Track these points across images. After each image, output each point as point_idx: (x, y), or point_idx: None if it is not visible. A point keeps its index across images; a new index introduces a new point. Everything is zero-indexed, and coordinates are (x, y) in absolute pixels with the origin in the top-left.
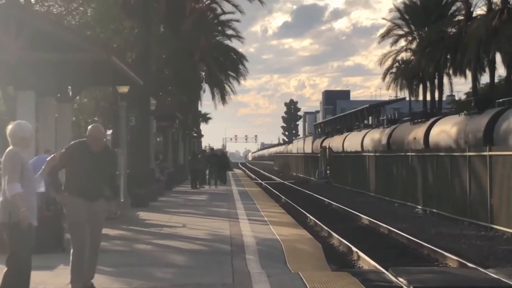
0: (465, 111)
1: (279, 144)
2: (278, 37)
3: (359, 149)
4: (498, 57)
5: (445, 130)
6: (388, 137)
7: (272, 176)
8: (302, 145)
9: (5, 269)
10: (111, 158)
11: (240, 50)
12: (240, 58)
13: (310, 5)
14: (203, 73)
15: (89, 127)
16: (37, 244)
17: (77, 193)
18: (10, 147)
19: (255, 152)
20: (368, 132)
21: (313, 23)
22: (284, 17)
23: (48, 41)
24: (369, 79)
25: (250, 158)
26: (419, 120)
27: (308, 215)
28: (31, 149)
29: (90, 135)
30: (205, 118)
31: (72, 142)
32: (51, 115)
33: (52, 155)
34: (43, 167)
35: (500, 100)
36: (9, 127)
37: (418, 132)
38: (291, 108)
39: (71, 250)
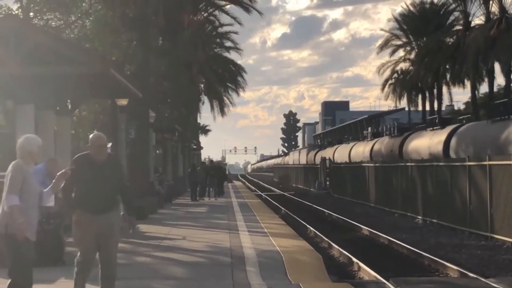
0: (431, 128)
1: (277, 156)
2: (277, 49)
3: (347, 160)
4: (497, 66)
5: (415, 144)
6: (371, 149)
7: (271, 187)
8: (298, 157)
9: (9, 280)
10: (116, 166)
11: (239, 62)
12: (238, 70)
13: (309, 16)
14: (202, 85)
15: (90, 136)
16: (37, 257)
17: (85, 208)
18: (17, 160)
19: (254, 164)
20: (354, 144)
21: (312, 34)
22: (283, 28)
23: (47, 54)
24: (368, 90)
25: (249, 170)
26: (395, 134)
27: (308, 226)
28: None
29: (92, 145)
30: (204, 130)
31: (75, 156)
32: (50, 128)
33: (62, 171)
34: (53, 181)
35: (461, 117)
36: (19, 140)
37: (395, 145)
38: (290, 119)
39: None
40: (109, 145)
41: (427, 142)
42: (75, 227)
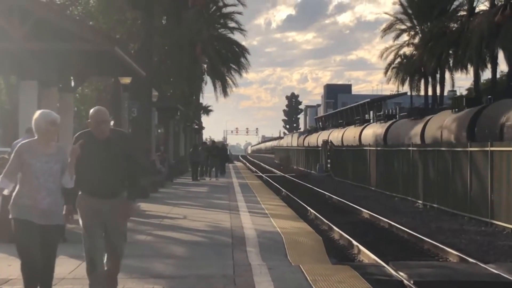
0: (412, 117)
1: (274, 139)
2: (281, 30)
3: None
4: (501, 53)
5: (397, 131)
6: (359, 135)
7: (272, 169)
8: (290, 140)
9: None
10: (123, 143)
11: (243, 43)
12: (242, 51)
13: None
14: (205, 65)
15: (90, 111)
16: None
17: (87, 191)
18: (21, 141)
19: (254, 145)
20: (346, 129)
21: (317, 17)
22: (288, 10)
23: (51, 31)
24: (372, 74)
25: (249, 151)
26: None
27: (308, 208)
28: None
29: (92, 120)
30: (207, 110)
31: (77, 134)
32: (53, 105)
33: (72, 147)
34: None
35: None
36: None
37: (378, 131)
38: (293, 101)
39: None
40: (112, 123)
41: (408, 130)
42: (79, 212)
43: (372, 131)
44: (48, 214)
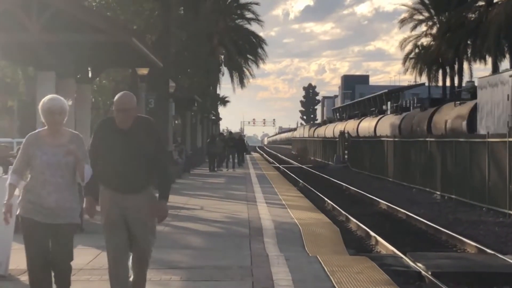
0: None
1: (289, 130)
2: (299, 21)
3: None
4: None
5: (384, 124)
6: (375, 126)
7: (289, 160)
8: (302, 132)
9: None
10: (150, 133)
11: (261, 34)
12: (259, 42)
13: None
14: (222, 56)
15: (116, 96)
16: None
17: (108, 185)
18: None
19: (270, 137)
20: (347, 122)
21: (335, 7)
22: (306, 1)
23: (68, 22)
24: (390, 64)
25: (265, 142)
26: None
27: (326, 199)
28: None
29: (115, 108)
30: (224, 101)
31: (99, 121)
32: (70, 96)
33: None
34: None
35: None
36: None
37: (393, 122)
38: (310, 92)
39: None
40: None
41: (391, 123)
42: (101, 210)
43: (388, 122)
44: (56, 212)
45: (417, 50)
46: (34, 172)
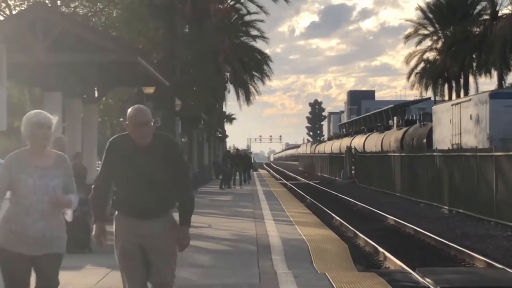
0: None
1: (295, 147)
2: (305, 37)
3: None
4: None
5: (387, 139)
6: (381, 141)
7: (296, 176)
8: (305, 149)
9: None
10: (169, 152)
11: (267, 50)
12: (264, 58)
13: (338, 5)
14: (228, 74)
15: (129, 110)
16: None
17: (123, 210)
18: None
19: (276, 153)
20: (343, 139)
21: (341, 23)
22: (311, 17)
23: (74, 42)
24: (396, 79)
25: (272, 159)
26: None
27: (333, 215)
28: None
29: (129, 122)
30: (230, 118)
31: (111, 139)
32: (77, 116)
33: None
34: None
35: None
36: None
37: (375, 140)
38: (316, 108)
39: None
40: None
41: (379, 139)
42: (115, 237)
43: (391, 138)
44: (43, 242)
45: (422, 65)
46: (16, 198)
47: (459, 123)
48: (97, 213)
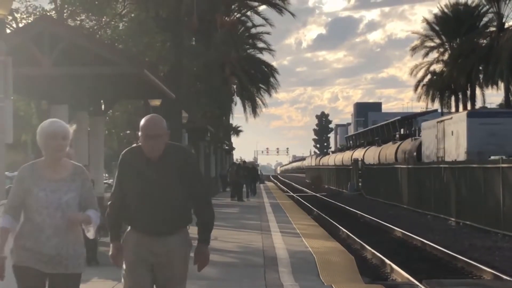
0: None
1: (300, 159)
2: (312, 50)
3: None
4: None
5: (370, 153)
6: (378, 154)
7: (303, 188)
8: (310, 161)
9: None
10: (184, 165)
11: (274, 63)
12: (271, 71)
13: (345, 17)
14: (235, 86)
15: (142, 120)
16: None
17: (135, 226)
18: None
19: (282, 166)
20: (345, 152)
21: (347, 35)
22: (318, 29)
23: (81, 55)
24: (403, 91)
25: (278, 172)
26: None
27: (340, 227)
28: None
29: (142, 134)
30: (237, 131)
31: (123, 152)
32: (84, 129)
33: None
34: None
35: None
36: None
37: (360, 154)
38: (323, 120)
39: None
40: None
41: (376, 153)
42: (124, 251)
43: (388, 151)
44: (57, 260)
45: (429, 77)
46: (29, 213)
47: (443, 138)
48: (114, 231)
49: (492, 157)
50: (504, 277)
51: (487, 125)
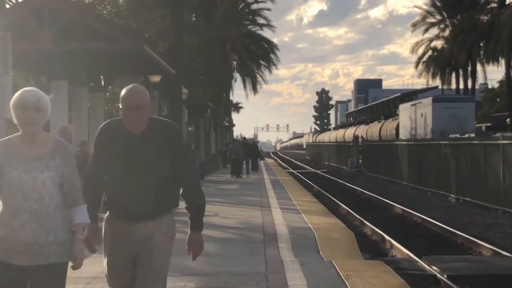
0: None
1: (300, 136)
2: (313, 26)
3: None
4: None
5: (359, 131)
6: (379, 130)
7: (303, 165)
8: (307, 138)
9: None
10: (170, 141)
11: (274, 39)
12: (271, 47)
13: None
14: (235, 62)
15: (122, 91)
16: None
17: (114, 210)
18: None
19: (282, 143)
20: (339, 130)
21: (349, 12)
22: (319, 5)
23: (80, 31)
24: (404, 68)
25: (278, 148)
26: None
27: (340, 204)
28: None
29: (123, 105)
30: (237, 107)
31: (101, 125)
32: (84, 104)
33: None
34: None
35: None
36: None
37: (351, 132)
38: (323, 97)
39: None
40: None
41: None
42: (104, 240)
43: (374, 129)
44: (35, 250)
45: (430, 53)
46: (3, 196)
47: (415, 119)
48: (90, 208)
49: (450, 135)
50: (504, 253)
51: (449, 109)
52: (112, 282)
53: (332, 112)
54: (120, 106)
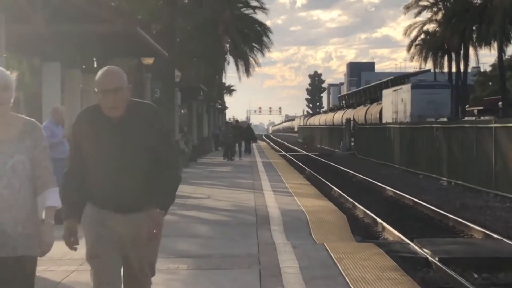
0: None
1: (292, 119)
2: (306, 9)
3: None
4: None
5: (346, 115)
6: (332, 118)
7: (296, 148)
8: (299, 121)
9: None
10: (150, 124)
11: (268, 22)
12: (264, 30)
13: None
14: (228, 45)
15: (97, 73)
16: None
17: (95, 200)
18: None
19: (274, 126)
20: (328, 113)
21: None
22: None
23: (73, 12)
24: (396, 51)
25: (270, 131)
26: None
27: (332, 186)
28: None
29: (98, 88)
30: (230, 90)
31: (80, 112)
32: (76, 86)
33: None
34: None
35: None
36: None
37: (339, 116)
38: (316, 80)
39: None
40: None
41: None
42: (84, 232)
43: (360, 112)
44: (2, 241)
45: (422, 36)
46: None
47: (396, 104)
48: (68, 206)
49: (427, 119)
50: (495, 236)
51: (427, 95)
52: (95, 276)
53: (324, 95)
54: (96, 90)
